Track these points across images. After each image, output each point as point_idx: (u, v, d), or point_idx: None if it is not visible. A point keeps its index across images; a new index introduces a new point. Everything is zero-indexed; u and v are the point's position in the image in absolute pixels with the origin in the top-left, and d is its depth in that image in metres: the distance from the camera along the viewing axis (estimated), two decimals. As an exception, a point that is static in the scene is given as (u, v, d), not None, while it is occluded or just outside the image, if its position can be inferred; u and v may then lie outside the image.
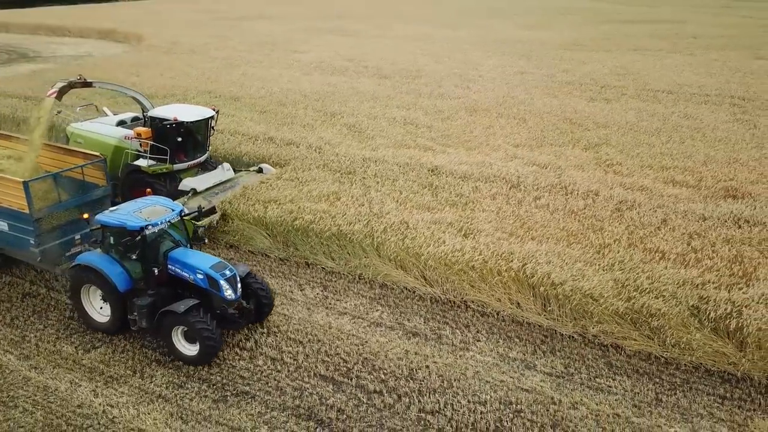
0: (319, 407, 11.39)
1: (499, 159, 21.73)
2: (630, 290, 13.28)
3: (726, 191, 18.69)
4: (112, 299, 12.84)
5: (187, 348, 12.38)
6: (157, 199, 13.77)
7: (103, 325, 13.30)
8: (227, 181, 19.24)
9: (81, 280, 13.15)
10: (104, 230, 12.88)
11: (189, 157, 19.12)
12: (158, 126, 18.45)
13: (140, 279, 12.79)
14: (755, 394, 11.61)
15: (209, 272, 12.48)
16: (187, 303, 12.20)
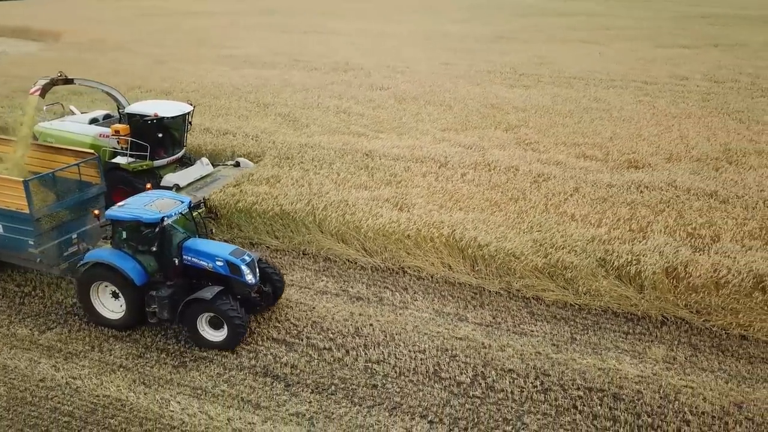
0: (274, 365, 12.39)
1: (428, 142, 23.20)
2: (546, 248, 15.00)
3: (629, 163, 20.89)
4: (129, 294, 12.82)
5: (212, 334, 12.62)
6: (161, 192, 14.01)
7: (117, 322, 13.22)
8: (207, 176, 19.39)
9: (92, 277, 13.06)
10: (115, 225, 12.93)
11: (168, 153, 19.09)
12: (137, 122, 18.33)
13: (156, 272, 12.92)
14: (652, 329, 13.51)
15: (230, 258, 12.70)
16: (213, 290, 12.40)
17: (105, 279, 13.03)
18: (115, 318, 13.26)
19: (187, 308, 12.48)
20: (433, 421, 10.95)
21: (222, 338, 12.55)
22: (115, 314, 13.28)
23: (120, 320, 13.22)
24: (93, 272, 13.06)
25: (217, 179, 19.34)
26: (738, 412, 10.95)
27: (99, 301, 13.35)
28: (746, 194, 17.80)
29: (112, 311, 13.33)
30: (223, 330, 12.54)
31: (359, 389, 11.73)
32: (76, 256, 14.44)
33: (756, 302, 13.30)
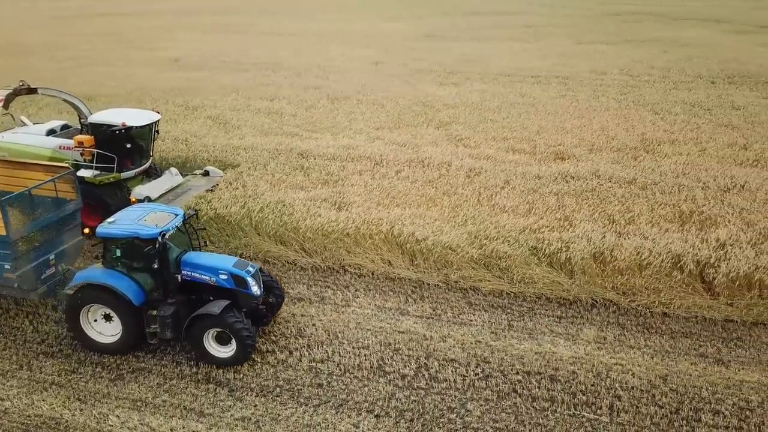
0: (216, 371, 12.19)
1: (362, 141, 23.39)
2: (481, 239, 15.47)
3: (555, 155, 21.81)
4: (125, 315, 12.08)
5: (220, 350, 12.08)
6: (152, 205, 13.24)
7: (111, 346, 12.41)
8: (177, 187, 18.51)
9: (83, 300, 12.23)
10: (107, 243, 12.20)
11: (136, 164, 18.18)
12: (104, 133, 17.33)
13: (153, 290, 12.25)
14: (583, 312, 14.17)
15: (234, 271, 12.20)
16: (220, 304, 11.85)
17: (97, 301, 12.21)
18: (110, 342, 12.43)
19: (193, 325, 11.93)
20: (379, 415, 11.10)
21: (230, 354, 12.05)
22: (110, 338, 12.45)
23: (115, 344, 12.39)
24: (83, 295, 12.23)
25: (188, 189, 18.48)
26: (663, 384, 11.68)
27: (89, 325, 12.50)
28: (662, 180, 18.95)
29: (104, 335, 12.48)
30: (230, 345, 12.04)
31: (305, 389, 11.73)
32: (54, 278, 13.39)
33: (675, 281, 14.21)
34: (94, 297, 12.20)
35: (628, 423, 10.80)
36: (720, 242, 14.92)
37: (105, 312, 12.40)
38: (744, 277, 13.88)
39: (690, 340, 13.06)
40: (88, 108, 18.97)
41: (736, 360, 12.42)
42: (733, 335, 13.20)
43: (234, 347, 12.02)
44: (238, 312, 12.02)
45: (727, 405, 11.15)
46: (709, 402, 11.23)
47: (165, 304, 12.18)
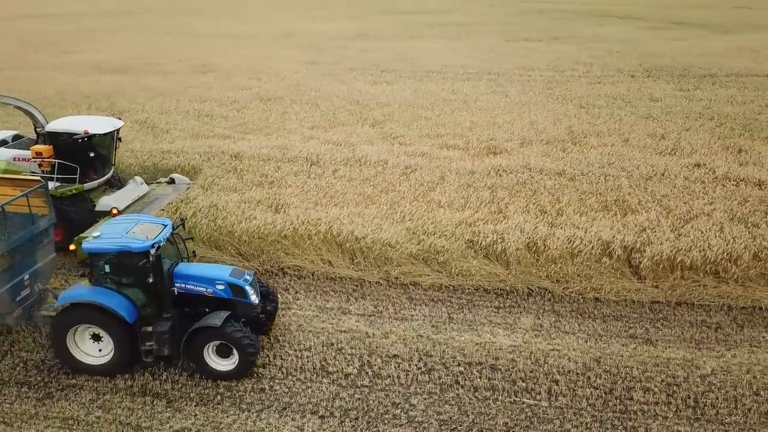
0: (153, 383, 11.76)
1: (296, 141, 23.16)
2: (419, 235, 15.63)
3: (488, 149, 22.28)
4: (118, 334, 11.47)
5: (221, 363, 11.63)
6: (137, 216, 12.50)
7: (102, 367, 11.75)
8: (143, 196, 17.57)
9: (70, 321, 11.55)
10: (94, 259, 11.53)
11: (98, 174, 17.16)
12: (64, 142, 16.29)
13: (146, 305, 11.66)
14: (520, 301, 14.54)
15: (232, 280, 11.83)
16: (220, 316, 11.43)
17: (86, 321, 11.57)
18: (101, 363, 11.78)
19: (192, 339, 11.47)
20: (324, 415, 11.01)
21: (232, 366, 11.62)
22: (100, 359, 11.80)
23: (107, 364, 11.75)
24: (70, 315, 11.55)
25: (156, 198, 17.64)
26: (597, 366, 12.13)
27: (76, 346, 11.81)
28: (589, 171, 19.70)
29: (94, 356, 11.83)
30: (232, 358, 11.62)
31: (246, 395, 11.50)
32: (29, 299, 12.51)
33: (605, 267, 14.80)
34: (83, 317, 11.55)
35: (566, 406, 11.16)
36: (644, 228, 15.64)
37: (94, 332, 11.75)
38: (667, 260, 14.62)
39: (620, 323, 13.63)
40: (44, 116, 17.85)
41: (663, 339, 13.05)
42: (659, 315, 13.86)
43: (236, 359, 11.58)
44: (238, 323, 11.61)
45: (656, 382, 11.69)
46: (639, 380, 11.75)
47: (160, 319, 11.65)
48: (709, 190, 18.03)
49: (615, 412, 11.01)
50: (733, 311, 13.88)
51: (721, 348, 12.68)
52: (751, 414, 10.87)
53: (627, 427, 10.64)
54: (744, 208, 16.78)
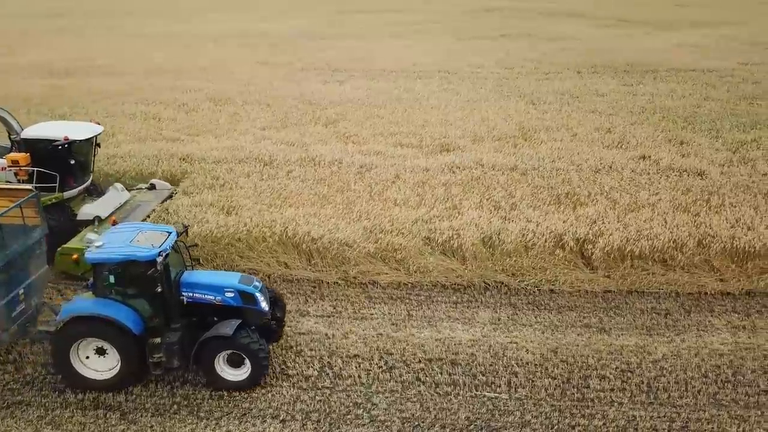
0: (105, 395, 11.36)
1: (248, 142, 22.79)
2: (376, 233, 15.61)
3: (441, 147, 22.43)
4: (125, 347, 11.02)
5: (232, 374, 11.28)
6: (139, 224, 12.05)
7: (108, 382, 11.27)
8: (125, 204, 16.84)
9: (74, 335, 11.01)
10: (98, 270, 11.02)
11: (78, 181, 16.40)
12: (44, 149, 15.55)
13: (153, 316, 11.17)
14: (477, 295, 14.68)
15: (241, 288, 11.49)
16: (231, 324, 11.06)
17: (90, 335, 11.09)
18: (106, 378, 11.30)
19: (203, 349, 11.10)
20: (285, 419, 10.86)
21: (244, 376, 11.29)
22: (105, 373, 11.32)
23: (113, 379, 11.27)
24: (73, 329, 11.03)
25: (138, 206, 16.97)
26: (554, 356, 12.36)
27: (79, 361, 11.29)
28: (540, 166, 20.09)
29: (99, 371, 11.33)
30: (244, 367, 11.28)
31: (204, 403, 11.23)
32: (24, 315, 11.92)
33: (558, 259, 15.11)
34: (87, 330, 11.08)
35: (525, 397, 11.32)
36: (594, 220, 16.03)
37: (98, 346, 11.27)
38: (617, 250, 15.03)
39: (575, 313, 13.92)
40: (18, 122, 16.97)
41: (616, 327, 13.40)
42: (612, 304, 14.23)
43: (248, 369, 11.27)
44: (250, 331, 11.30)
45: (611, 369, 11.99)
46: (595, 368, 12.03)
47: (169, 330, 11.25)
48: (654, 181, 18.64)
49: (573, 400, 11.23)
50: (680, 297, 14.37)
51: (670, 333, 13.11)
52: (701, 396, 11.27)
53: (585, 415, 10.87)
54: (687, 197, 17.40)
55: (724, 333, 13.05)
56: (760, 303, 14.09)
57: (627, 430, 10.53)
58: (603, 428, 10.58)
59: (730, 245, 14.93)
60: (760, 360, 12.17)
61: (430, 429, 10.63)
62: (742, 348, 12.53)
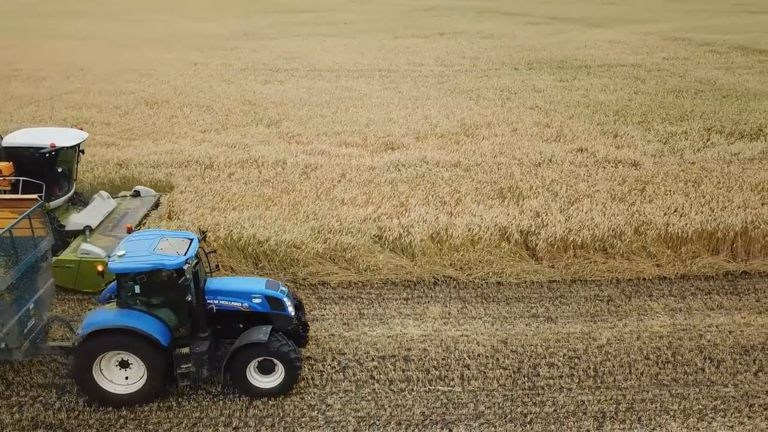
0: (45, 414, 10.82)
1: (188, 145, 22.18)
2: (325, 233, 15.48)
3: (386, 145, 22.49)
4: (152, 359, 10.61)
5: (264, 381, 11.01)
6: (157, 231, 11.88)
7: (132, 396, 10.80)
8: (112, 212, 15.95)
9: (97, 349, 10.53)
10: (123, 280, 10.59)
11: (63, 190, 15.50)
12: (30, 157, 14.72)
13: (179, 326, 10.85)
14: (427, 291, 14.78)
15: (269, 293, 11.27)
16: (264, 331, 10.84)
17: (116, 347, 10.65)
18: (130, 392, 10.84)
19: (235, 357, 10.75)
20: (237, 426, 10.61)
21: (277, 383, 11.04)
22: (129, 388, 10.86)
23: (138, 393, 10.82)
24: (97, 343, 10.53)
25: (126, 213, 16.13)
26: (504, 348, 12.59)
27: (103, 377, 10.80)
28: (483, 161, 20.44)
29: (122, 385, 10.88)
30: (275, 374, 11.03)
31: (152, 415, 10.84)
32: (35, 330, 11.30)
33: (504, 251, 15.40)
34: (112, 343, 10.64)
35: (478, 389, 11.48)
36: (537, 212, 16.43)
37: (121, 359, 10.83)
38: (560, 240, 15.44)
39: (522, 304, 14.22)
40: None
41: (562, 315, 13.78)
42: (557, 294, 14.62)
43: (281, 375, 11.04)
44: (282, 337, 11.08)
45: (559, 357, 12.32)
46: (544, 357, 12.33)
47: (197, 339, 10.90)
48: (592, 173, 19.27)
49: (524, 389, 11.47)
50: (621, 284, 14.91)
51: (613, 319, 13.58)
52: (644, 377, 11.73)
53: (536, 402, 11.12)
54: (623, 187, 18.07)
55: (662, 316, 13.62)
56: (694, 286, 14.79)
57: (576, 414, 10.83)
58: (554, 414, 10.84)
59: (664, 232, 15.60)
60: (696, 340, 12.77)
61: (385, 426, 10.62)
62: (680, 329, 13.12)
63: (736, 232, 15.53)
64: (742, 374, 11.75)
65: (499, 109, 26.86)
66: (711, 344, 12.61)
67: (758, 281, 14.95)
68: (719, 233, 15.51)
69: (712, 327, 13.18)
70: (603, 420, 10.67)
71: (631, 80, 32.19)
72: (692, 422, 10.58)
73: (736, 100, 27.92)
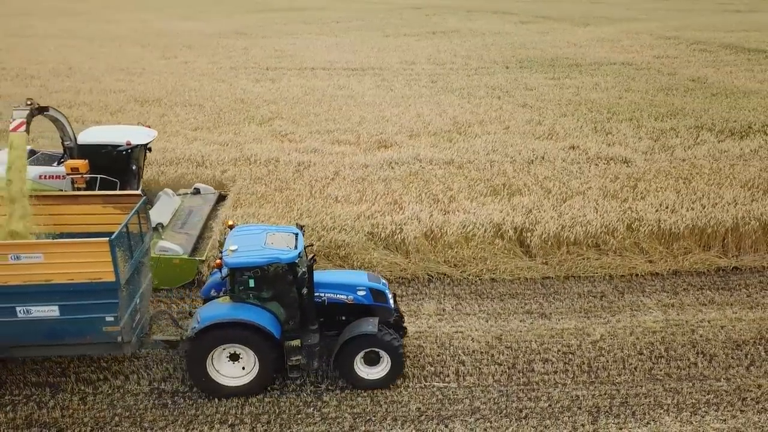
0: (39, 412, 10.73)
1: (179, 144, 22.09)
2: (319, 230, 15.45)
3: (379, 143, 22.50)
4: (266, 351, 10.84)
5: (370, 372, 11.17)
6: (259, 226, 12.16)
7: (243, 388, 11.04)
8: (178, 209, 16.03)
9: (212, 342, 10.73)
10: (237, 274, 10.77)
11: (133, 188, 15.53)
12: (107, 154, 14.97)
13: (288, 319, 11.09)
14: (422, 287, 14.81)
15: (373, 285, 11.52)
16: (371, 322, 11.00)
17: (231, 340, 10.83)
18: (242, 384, 11.06)
19: (345, 348, 10.96)
20: (233, 423, 10.58)
21: (383, 374, 11.21)
22: (241, 379, 11.06)
23: (249, 384, 11.07)
24: (211, 336, 10.70)
25: (191, 211, 16.16)
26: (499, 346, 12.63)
27: (215, 370, 10.98)
28: (476, 159, 20.49)
29: (233, 377, 11.07)
30: (380, 365, 11.20)
31: (147, 413, 10.80)
32: (140, 325, 11.41)
33: (498, 248, 15.46)
34: (226, 337, 10.81)
35: (473, 385, 11.51)
36: (530, 209, 16.50)
37: (232, 352, 11.01)
38: (553, 237, 15.52)
39: (516, 300, 14.28)
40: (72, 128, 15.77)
41: (556, 311, 13.85)
42: (551, 290, 14.69)
43: (386, 366, 11.17)
44: (387, 328, 11.20)
45: (553, 352, 12.38)
46: (538, 352, 12.39)
47: (308, 331, 11.15)
48: (584, 170, 19.38)
49: (519, 384, 11.52)
50: (614, 280, 15.01)
51: (606, 315, 13.67)
52: (637, 372, 11.81)
53: (531, 398, 11.17)
54: (615, 184, 18.19)
55: (655, 311, 13.72)
56: (686, 281, 14.92)
57: (571, 409, 10.89)
58: (549, 409, 10.89)
59: (656, 228, 15.72)
60: (689, 335, 12.88)
61: (381, 422, 10.63)
62: (672, 324, 13.22)
63: (726, 228, 15.68)
64: (734, 368, 11.86)
65: (491, 107, 26.93)
66: (703, 339, 12.72)
67: (749, 277, 15.10)
68: (710, 229, 15.64)
69: (704, 322, 13.30)
70: (597, 414, 10.74)
71: (622, 78, 32.37)
72: (685, 416, 10.67)
73: (725, 98, 28.14)
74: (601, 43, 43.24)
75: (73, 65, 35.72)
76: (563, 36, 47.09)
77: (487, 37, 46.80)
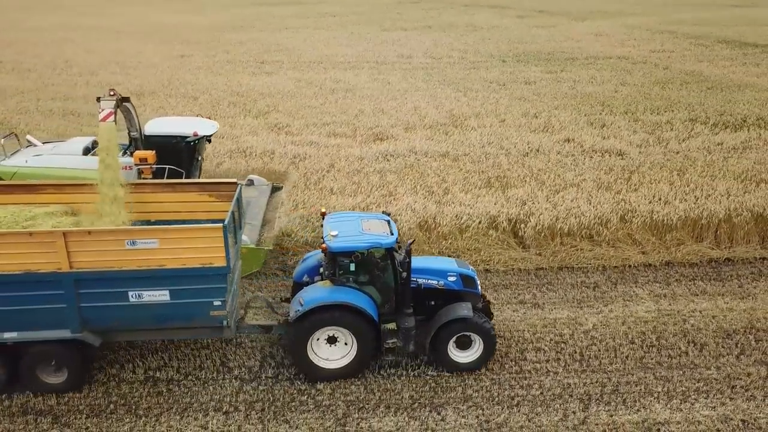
0: (34, 400, 10.75)
1: (176, 136, 22.05)
2: (313, 222, 15.52)
3: (375, 136, 22.58)
4: (365, 334, 11.02)
5: (462, 356, 11.44)
6: (351, 213, 12.29)
7: (341, 371, 11.24)
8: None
9: (314, 325, 10.94)
10: (339, 258, 10.97)
11: (196, 178, 15.75)
12: (175, 145, 15.26)
13: (384, 302, 11.34)
14: (416, 279, 14.89)
15: (462, 271, 11.71)
16: (465, 307, 11.25)
17: (333, 323, 11.01)
18: (340, 366, 11.27)
19: (441, 332, 11.20)
20: (228, 411, 10.67)
21: (474, 357, 11.47)
22: (339, 362, 11.29)
23: (347, 367, 11.28)
24: (314, 319, 10.91)
25: (248, 203, 15.78)
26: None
27: (314, 353, 11.23)
28: (471, 151, 20.57)
29: (331, 360, 11.31)
30: (471, 349, 11.48)
31: (142, 401, 10.87)
32: (236, 309, 11.62)
33: (492, 239, 15.54)
34: (327, 320, 11.00)
35: (466, 373, 11.58)
36: (524, 201, 16.59)
37: (330, 335, 11.21)
38: (547, 228, 15.61)
39: (510, 291, 14.38)
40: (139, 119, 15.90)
41: (549, 302, 13.94)
42: (544, 281, 14.79)
43: (479, 350, 11.45)
44: (480, 312, 11.52)
45: (545, 341, 12.48)
46: (531, 342, 12.49)
47: (403, 315, 11.37)
48: (578, 163, 19.47)
49: (511, 372, 11.61)
50: (607, 271, 15.10)
51: (599, 305, 13.77)
52: (629, 360, 11.92)
53: (523, 386, 11.26)
54: (609, 176, 18.29)
55: (647, 302, 13.83)
56: (678, 272, 15.03)
57: (563, 396, 10.98)
58: (540, 397, 10.99)
59: (649, 219, 15.82)
60: (680, 324, 12.99)
61: (374, 410, 10.72)
62: (664, 314, 13.33)
63: (719, 219, 15.78)
64: (724, 357, 11.97)
65: (487, 100, 27.01)
66: (694, 329, 12.83)
67: (741, 268, 15.21)
68: (703, 221, 15.75)
69: (696, 312, 13.41)
70: (589, 402, 10.85)
71: (618, 72, 32.46)
72: (675, 404, 10.78)
73: (720, 91, 28.26)
74: (598, 37, 43.30)
75: (69, 58, 35.68)
76: (560, 30, 47.14)
77: (484, 31, 46.84)
